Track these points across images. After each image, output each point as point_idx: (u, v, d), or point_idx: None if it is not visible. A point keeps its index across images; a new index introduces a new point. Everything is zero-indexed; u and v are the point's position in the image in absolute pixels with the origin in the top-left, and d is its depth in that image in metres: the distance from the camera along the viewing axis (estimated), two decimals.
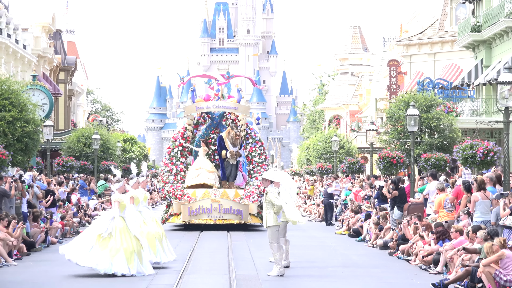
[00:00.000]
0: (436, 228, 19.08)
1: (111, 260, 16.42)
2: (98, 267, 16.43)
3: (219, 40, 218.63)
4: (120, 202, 17.03)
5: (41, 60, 54.31)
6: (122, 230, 16.72)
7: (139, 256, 16.71)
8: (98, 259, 16.45)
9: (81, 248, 16.68)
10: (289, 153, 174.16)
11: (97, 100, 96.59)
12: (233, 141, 29.79)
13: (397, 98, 35.07)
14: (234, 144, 29.82)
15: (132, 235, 16.79)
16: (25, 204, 23.07)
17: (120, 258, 16.46)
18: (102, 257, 16.45)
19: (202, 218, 28.75)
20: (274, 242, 17.04)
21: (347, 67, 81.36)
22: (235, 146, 29.86)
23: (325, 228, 32.84)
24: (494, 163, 24.04)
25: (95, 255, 16.49)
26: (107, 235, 16.58)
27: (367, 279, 17.21)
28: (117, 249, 16.51)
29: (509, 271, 14.76)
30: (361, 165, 43.52)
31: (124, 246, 16.55)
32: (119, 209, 17.03)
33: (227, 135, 29.86)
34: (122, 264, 16.46)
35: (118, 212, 16.96)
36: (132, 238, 16.73)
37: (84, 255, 16.55)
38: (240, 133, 29.92)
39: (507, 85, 18.43)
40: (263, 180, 17.51)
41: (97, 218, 18.86)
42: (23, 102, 24.43)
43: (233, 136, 29.69)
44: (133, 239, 16.77)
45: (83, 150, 43.14)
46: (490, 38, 36.73)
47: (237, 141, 29.86)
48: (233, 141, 29.80)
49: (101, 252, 16.48)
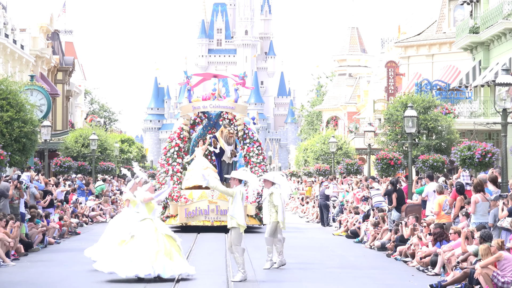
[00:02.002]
0: (434, 229, 19.08)
1: (133, 262, 15.70)
2: (119, 271, 15.77)
3: (217, 41, 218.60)
4: (131, 200, 16.77)
5: (39, 60, 54.25)
6: (148, 230, 16.00)
7: (169, 255, 15.88)
8: (120, 263, 15.80)
9: (105, 254, 16.28)
10: (286, 154, 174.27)
11: (95, 101, 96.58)
12: (227, 139, 29.51)
13: (395, 100, 35.09)
14: (228, 142, 29.53)
15: (159, 234, 16.00)
16: (22, 204, 23.05)
17: (143, 259, 15.72)
18: (124, 261, 15.79)
19: (199, 219, 28.55)
20: (238, 245, 16.53)
21: (345, 68, 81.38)
22: (229, 145, 29.58)
23: (322, 229, 32.83)
24: (492, 165, 24.06)
25: (117, 260, 15.87)
26: (130, 238, 15.97)
27: (364, 281, 17.21)
28: (139, 250, 15.79)
29: (507, 273, 14.76)
30: (358, 167, 43.53)
31: (148, 247, 15.80)
32: (132, 206, 16.80)
33: (220, 134, 29.61)
34: (145, 264, 15.70)
35: (132, 210, 16.70)
36: (159, 238, 15.93)
37: (106, 261, 16.03)
38: (233, 131, 29.64)
39: (504, 87, 18.44)
40: (265, 181, 18.33)
41: (117, 218, 18.16)
42: (21, 102, 24.41)
43: (227, 134, 29.40)
44: (162, 238, 15.97)
45: (80, 151, 43.11)
46: (488, 40, 36.76)
47: (231, 139, 29.54)
48: (227, 139, 29.51)
49: (122, 256, 15.84)
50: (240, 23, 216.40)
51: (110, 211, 38.52)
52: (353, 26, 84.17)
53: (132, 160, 56.17)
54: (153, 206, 16.37)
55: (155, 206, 16.48)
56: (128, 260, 15.81)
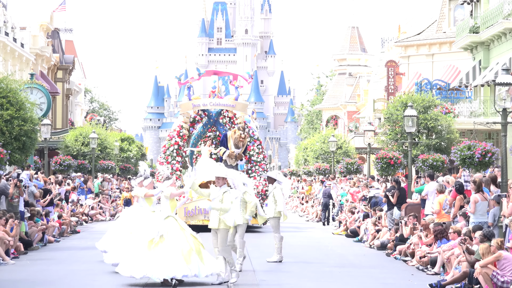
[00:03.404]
0: (435, 227, 19.07)
1: (168, 264, 15.00)
2: (154, 275, 14.99)
3: (217, 40, 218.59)
4: (147, 196, 16.60)
5: (39, 58, 54.24)
6: (175, 229, 15.36)
7: (199, 255, 15.30)
8: (153, 266, 15.02)
9: (132, 258, 15.30)
10: (286, 153, 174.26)
11: (95, 99, 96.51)
12: (236, 142, 28.92)
13: (395, 99, 35.06)
14: (237, 145, 28.91)
15: (187, 233, 15.45)
16: (22, 203, 23.05)
17: (178, 259, 15.05)
18: (157, 263, 15.03)
19: (198, 219, 28.43)
20: (230, 245, 16.24)
21: (345, 68, 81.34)
22: (237, 148, 28.97)
23: (322, 228, 32.84)
24: (491, 164, 24.06)
25: (150, 262, 15.06)
26: (159, 238, 15.22)
27: (364, 280, 17.22)
28: (172, 251, 15.10)
29: (506, 272, 14.77)
30: (358, 166, 43.53)
31: (180, 246, 15.16)
32: (147, 203, 16.67)
33: (232, 134, 28.95)
34: (180, 265, 15.03)
35: (147, 208, 16.55)
36: (188, 237, 15.35)
37: (137, 265, 15.10)
38: (245, 136, 29.02)
39: (504, 87, 18.43)
40: (269, 178, 19.96)
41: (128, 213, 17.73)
42: (21, 100, 24.39)
43: (238, 137, 28.81)
44: (190, 237, 15.40)
45: (80, 149, 43.10)
46: (488, 40, 36.75)
47: (241, 143, 28.95)
48: (237, 143, 28.92)
49: (155, 258, 15.07)
50: (240, 22, 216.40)
51: (109, 210, 38.55)
52: (353, 25, 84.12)
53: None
54: (175, 204, 15.87)
55: (177, 203, 16.00)
56: (162, 262, 15.03)
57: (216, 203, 16.10)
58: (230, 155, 28.95)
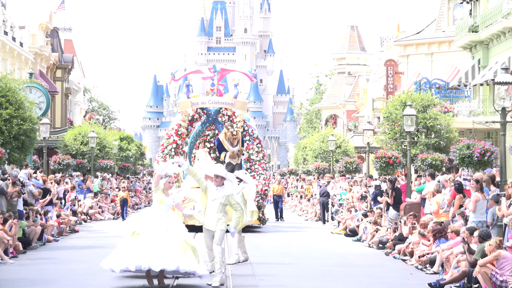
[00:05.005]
0: (434, 226, 19.06)
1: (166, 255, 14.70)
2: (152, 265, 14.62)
3: (216, 39, 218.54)
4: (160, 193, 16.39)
5: (38, 58, 54.22)
6: (176, 223, 15.22)
7: (195, 253, 15.08)
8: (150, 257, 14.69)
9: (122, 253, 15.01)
10: (285, 153, 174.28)
11: (94, 98, 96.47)
12: (231, 141, 28.82)
13: (394, 98, 35.07)
14: (232, 144, 28.80)
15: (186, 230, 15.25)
16: (21, 202, 23.04)
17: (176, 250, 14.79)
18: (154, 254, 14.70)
19: (197, 219, 28.34)
20: (220, 245, 15.88)
21: (344, 67, 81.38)
22: (234, 146, 28.89)
23: (321, 227, 32.84)
24: (490, 164, 24.06)
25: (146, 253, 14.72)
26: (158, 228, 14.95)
27: (363, 279, 17.21)
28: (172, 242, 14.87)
29: (505, 272, 14.77)
30: (357, 165, 43.54)
31: (179, 239, 14.96)
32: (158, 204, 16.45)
33: (224, 136, 28.86)
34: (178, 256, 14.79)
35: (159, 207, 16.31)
36: (183, 236, 15.11)
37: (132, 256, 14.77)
38: (236, 132, 28.98)
39: (504, 86, 18.44)
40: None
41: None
42: (20, 100, 24.40)
43: (230, 136, 28.75)
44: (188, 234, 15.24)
45: (79, 148, 43.07)
46: (487, 39, 36.76)
47: (235, 140, 28.89)
48: (231, 141, 28.83)
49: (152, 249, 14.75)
50: (239, 21, 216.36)
51: (108, 209, 38.53)
52: (352, 24, 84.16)
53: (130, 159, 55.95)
54: (162, 201, 15.58)
55: (165, 201, 15.65)
56: (160, 252, 14.72)
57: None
58: (232, 155, 28.85)
